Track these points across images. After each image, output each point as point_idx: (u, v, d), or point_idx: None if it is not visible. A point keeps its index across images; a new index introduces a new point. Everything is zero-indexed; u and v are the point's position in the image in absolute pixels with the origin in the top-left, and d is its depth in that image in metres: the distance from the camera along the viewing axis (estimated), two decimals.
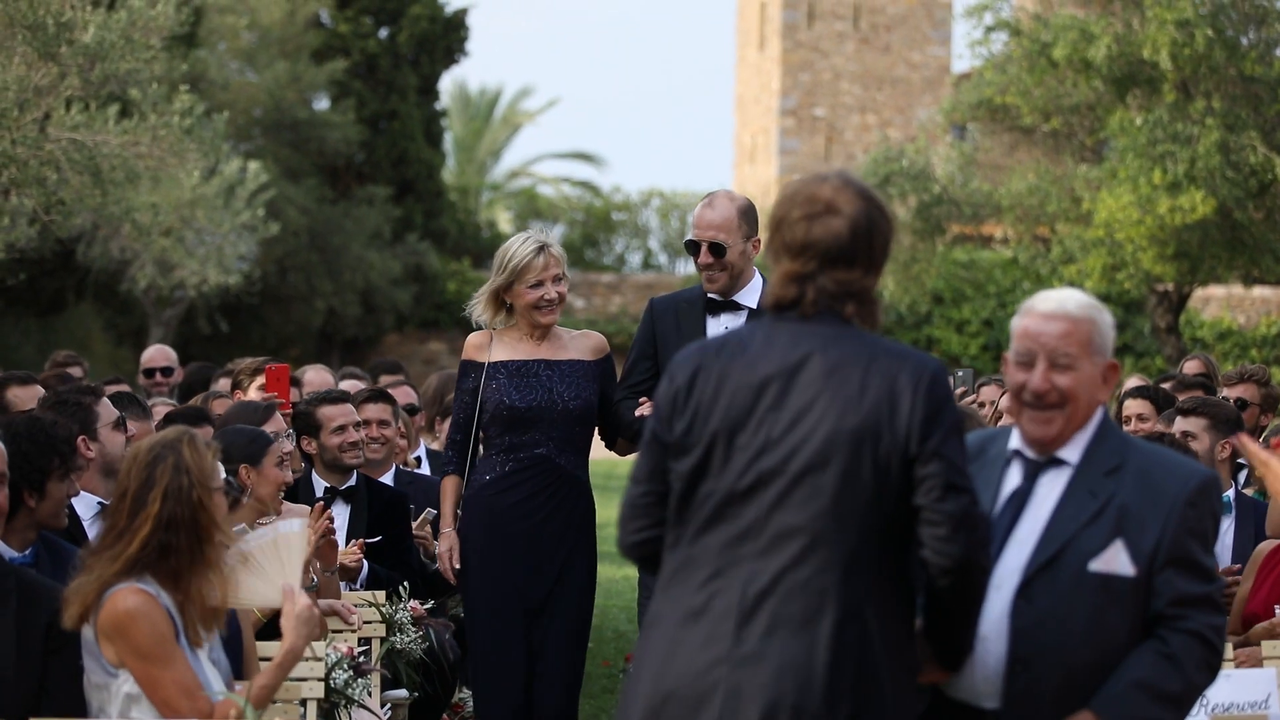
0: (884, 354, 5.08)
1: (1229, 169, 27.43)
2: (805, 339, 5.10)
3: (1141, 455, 5.45)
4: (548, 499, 8.99)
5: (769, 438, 5.03)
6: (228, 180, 27.64)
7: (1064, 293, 5.53)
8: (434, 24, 42.95)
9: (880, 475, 5.00)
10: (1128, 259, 28.64)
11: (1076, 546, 5.34)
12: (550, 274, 9.07)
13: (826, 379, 5.03)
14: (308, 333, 41.87)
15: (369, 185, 41.65)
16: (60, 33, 17.12)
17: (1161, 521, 5.31)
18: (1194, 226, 27.66)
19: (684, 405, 5.16)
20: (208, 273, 28.31)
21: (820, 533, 4.98)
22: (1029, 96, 30.02)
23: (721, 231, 8.92)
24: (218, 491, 6.24)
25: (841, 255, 5.13)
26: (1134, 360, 42.65)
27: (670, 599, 5.11)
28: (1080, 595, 5.31)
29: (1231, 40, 28.49)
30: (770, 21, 60.31)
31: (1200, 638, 5.28)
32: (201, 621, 6.17)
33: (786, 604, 4.96)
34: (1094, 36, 28.55)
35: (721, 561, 5.04)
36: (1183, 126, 27.82)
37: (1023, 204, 30.75)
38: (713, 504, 5.07)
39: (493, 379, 9.06)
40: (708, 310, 9.06)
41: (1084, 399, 5.45)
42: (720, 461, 5.08)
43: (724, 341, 5.26)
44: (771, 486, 5.01)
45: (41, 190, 17.68)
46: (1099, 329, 5.45)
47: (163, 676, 6.04)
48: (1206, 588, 5.33)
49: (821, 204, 5.15)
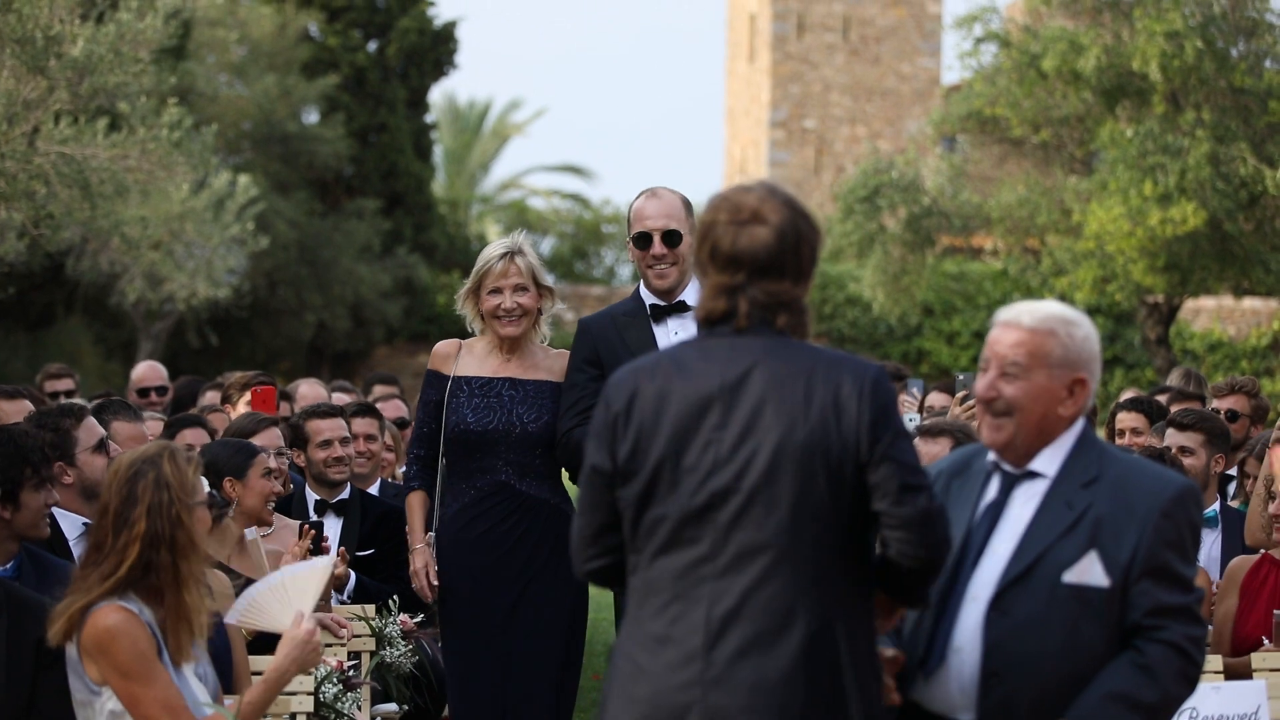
0: (823, 363, 5.04)
1: (1219, 181, 27.47)
2: (743, 353, 5.05)
3: (1118, 467, 5.42)
4: (513, 527, 8.57)
5: (718, 456, 4.98)
6: (217, 193, 27.63)
7: (1033, 304, 5.51)
8: (423, 37, 42.97)
9: (835, 484, 4.98)
10: (1118, 271, 28.68)
11: (1051, 558, 5.32)
12: (510, 282, 8.62)
13: (770, 392, 4.98)
14: (297, 346, 41.85)
15: (359, 198, 41.65)
16: (49, 46, 17.11)
17: (1137, 532, 5.29)
18: (1184, 238, 27.69)
19: (624, 430, 5.09)
20: (197, 286, 28.30)
21: (781, 548, 4.94)
22: (1019, 108, 30.06)
23: (673, 220, 8.48)
24: (199, 507, 6.22)
25: (770, 265, 5.07)
26: (1124, 372, 42.67)
27: (635, 624, 5.07)
28: (1054, 607, 5.29)
29: (1221, 52, 28.53)
30: (760, 34, 60.36)
31: (1177, 649, 5.25)
32: (185, 637, 6.17)
33: (754, 623, 4.92)
34: (1083, 48, 28.59)
35: (682, 585, 4.99)
36: (1173, 138, 27.86)
37: (1013, 216, 30.77)
38: (667, 528, 5.01)
39: (455, 395, 8.64)
40: (653, 318, 8.55)
41: (1035, 410, 5.42)
42: (669, 484, 5.02)
43: (657, 361, 5.19)
44: (727, 505, 4.96)
45: (30, 204, 17.68)
46: (1060, 342, 5.41)
47: (144, 694, 6.03)
48: (1184, 598, 5.30)
49: (747, 213, 5.09)
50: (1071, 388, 5.42)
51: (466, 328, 8.87)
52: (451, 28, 43.84)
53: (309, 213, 40.15)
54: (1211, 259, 28.50)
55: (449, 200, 55.10)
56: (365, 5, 42.42)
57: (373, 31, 42.84)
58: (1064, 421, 5.46)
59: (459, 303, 8.80)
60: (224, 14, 38.72)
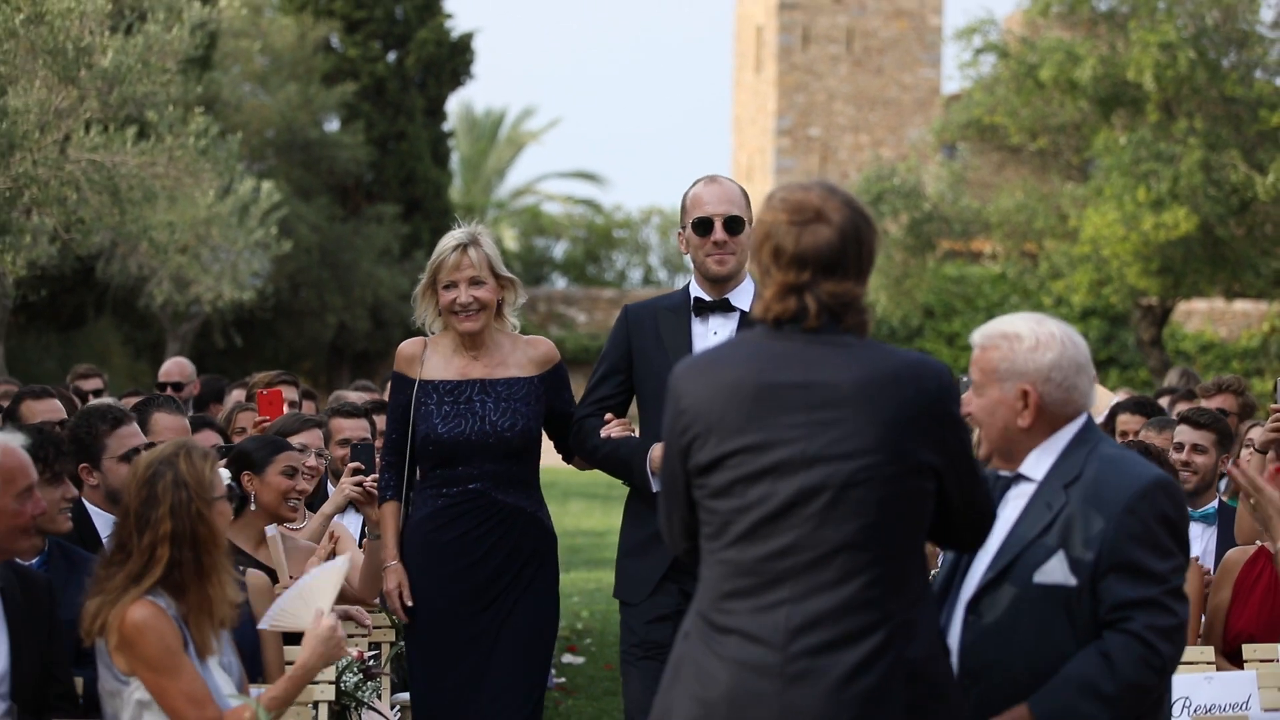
0: (904, 364, 4.95)
1: (1211, 187, 27.50)
2: (822, 352, 4.93)
3: (1097, 465, 5.36)
4: (487, 533, 7.88)
5: (806, 453, 4.85)
6: (241, 199, 27.60)
7: (996, 320, 5.51)
8: (441, 48, 42.98)
9: (916, 485, 4.91)
10: (1113, 274, 28.70)
11: (1025, 560, 5.27)
12: (464, 275, 7.92)
13: (857, 392, 4.87)
14: (319, 346, 41.91)
15: (378, 204, 41.67)
16: (80, 57, 17.16)
17: (1102, 529, 5.23)
18: (1177, 243, 27.72)
19: (698, 424, 4.96)
20: (222, 288, 28.28)
21: (865, 548, 4.82)
22: (1016, 117, 30.09)
23: (734, 206, 7.72)
24: (219, 501, 6.23)
25: (835, 264, 4.96)
26: (1119, 372, 42.67)
27: (708, 615, 4.94)
28: (1025, 609, 5.24)
29: (1213, 62, 28.57)
30: (766, 45, 60.36)
31: (1139, 638, 5.17)
32: (208, 629, 6.20)
33: (836, 621, 4.80)
34: (1079, 58, 28.62)
35: (761, 578, 4.86)
36: (1166, 146, 27.89)
37: (1011, 221, 30.80)
38: (749, 521, 4.88)
39: (422, 402, 7.95)
40: (695, 312, 7.77)
41: (995, 423, 5.41)
42: (750, 478, 4.89)
43: (724, 357, 5.06)
44: (814, 502, 4.83)
45: (62, 209, 17.71)
46: (1003, 355, 5.38)
47: (171, 687, 6.07)
48: (1151, 591, 5.21)
49: (811, 212, 4.99)
50: (1023, 398, 5.40)
51: (425, 329, 8.22)
52: (468, 39, 43.85)
53: (330, 218, 40.19)
54: (1203, 263, 28.52)
55: (465, 206, 55.20)
56: (385, 17, 42.45)
57: (392, 42, 42.85)
58: (1031, 430, 5.43)
59: (416, 300, 8.15)
60: (248, 25, 38.73)
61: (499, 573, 7.89)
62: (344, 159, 40.30)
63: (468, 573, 7.86)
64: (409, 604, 7.90)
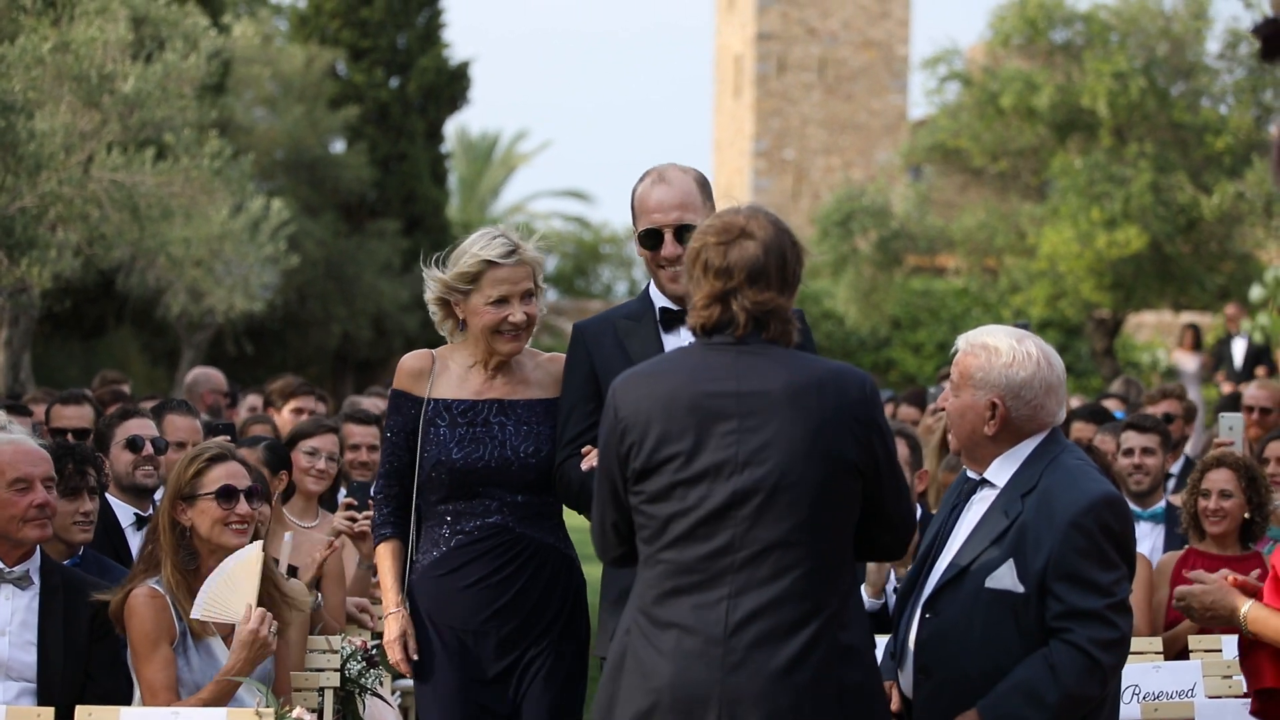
0: (825, 371, 5.00)
1: (1160, 207, 27.57)
2: (751, 361, 4.97)
3: (1053, 476, 5.37)
4: (512, 575, 6.36)
5: (739, 456, 4.88)
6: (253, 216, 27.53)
7: (984, 328, 5.56)
8: (440, 75, 42.93)
9: (845, 486, 4.94)
10: (1068, 288, 28.74)
11: (979, 564, 5.30)
12: (520, 288, 6.40)
13: (786, 398, 4.90)
14: (324, 354, 41.85)
15: (380, 220, 41.61)
16: (102, 83, 17.19)
17: (1050, 540, 5.24)
18: (1128, 259, 27.78)
19: (634, 434, 4.97)
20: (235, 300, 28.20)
21: (800, 544, 4.86)
22: (979, 141, 30.14)
23: (687, 210, 6.33)
24: (204, 499, 6.47)
25: (758, 274, 5.00)
26: (1074, 380, 42.66)
27: (647, 613, 4.96)
28: (977, 611, 5.27)
29: (1163, 90, 28.65)
30: (744, 73, 60.38)
31: (1083, 651, 5.19)
32: None
33: (774, 613, 4.83)
34: (1038, 86, 28.69)
35: (700, 576, 4.88)
36: (1118, 168, 27.95)
37: (973, 238, 30.83)
38: (686, 524, 4.90)
39: (433, 423, 6.39)
40: (663, 324, 6.39)
41: (964, 425, 5.46)
42: (685, 484, 4.90)
43: (662, 365, 5.09)
44: (749, 503, 4.86)
45: (85, 226, 17.73)
46: (980, 364, 5.43)
47: (143, 671, 6.30)
48: (1095, 603, 5.22)
49: (736, 230, 5.04)
50: (991, 408, 5.41)
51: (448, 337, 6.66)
52: (465, 67, 43.78)
53: (335, 233, 40.14)
54: (1153, 278, 28.57)
55: (463, 222, 55.06)
56: (388, 46, 42.40)
57: (394, 70, 42.80)
58: (995, 439, 5.44)
59: (437, 310, 6.58)
60: (259, 53, 38.67)
61: (530, 622, 6.38)
62: (348, 178, 40.24)
63: (493, 623, 6.35)
64: (414, 658, 6.43)
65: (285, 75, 40.05)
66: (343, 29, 41.86)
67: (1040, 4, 29.19)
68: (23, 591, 6.66)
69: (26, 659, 6.59)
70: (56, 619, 6.64)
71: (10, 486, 6.63)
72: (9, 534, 6.64)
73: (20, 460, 6.69)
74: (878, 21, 59.74)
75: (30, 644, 6.61)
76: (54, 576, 6.74)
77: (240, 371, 35.01)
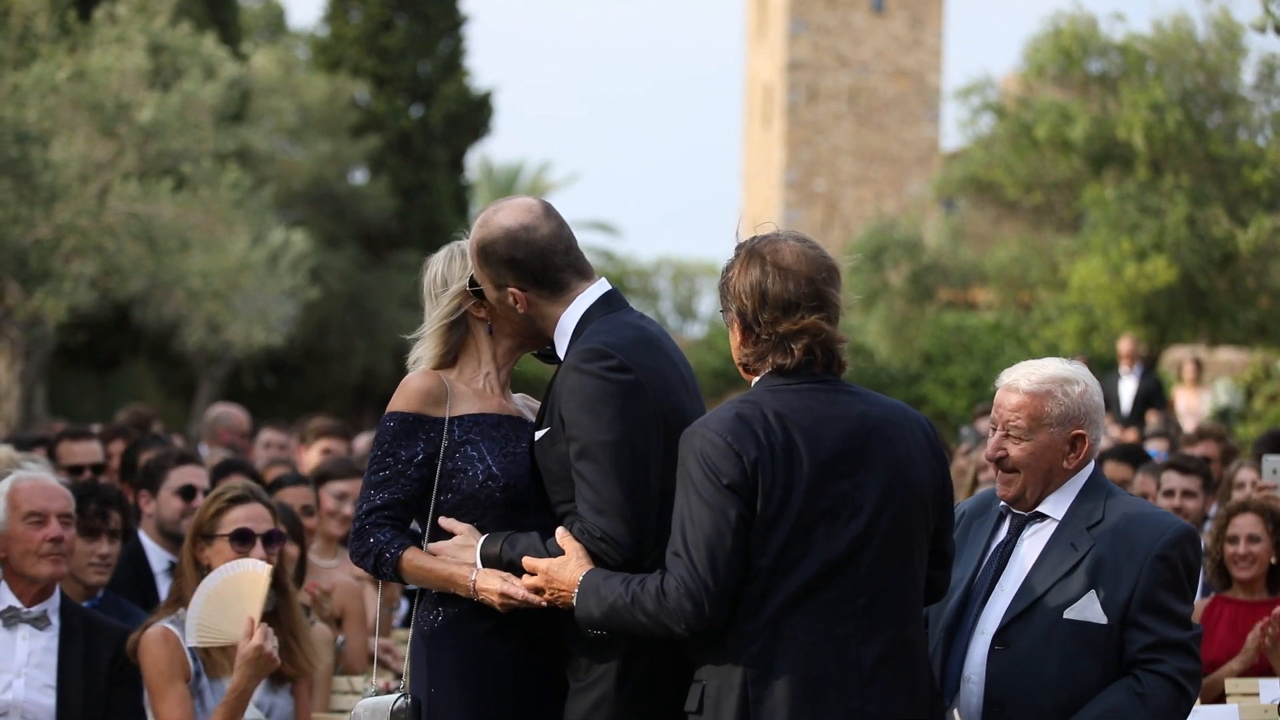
0: (903, 413, 5.03)
1: (1195, 240, 27.51)
2: (842, 399, 4.95)
3: (1121, 509, 5.42)
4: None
5: (852, 502, 4.86)
6: (272, 248, 27.67)
7: (1034, 365, 5.51)
8: (463, 104, 43.07)
9: (928, 526, 5.03)
10: (1099, 322, 28.70)
11: (1053, 596, 5.33)
12: None
13: (883, 442, 4.91)
14: (345, 388, 41.93)
15: (402, 252, 41.70)
16: (119, 113, 17.28)
17: (1135, 574, 5.29)
18: (1161, 292, 27.73)
19: (768, 477, 4.83)
20: (253, 333, 28.33)
21: (907, 591, 4.95)
22: (1013, 173, 30.14)
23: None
24: (220, 539, 6.55)
25: (824, 311, 4.95)
26: None
27: (777, 663, 4.85)
28: (1053, 642, 5.29)
29: (1199, 122, 28.62)
30: (774, 102, 60.45)
31: (1173, 681, 5.25)
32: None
33: (897, 661, 4.91)
34: (1073, 118, 28.68)
35: (824, 625, 4.85)
36: (1151, 200, 27.91)
37: (1006, 272, 30.85)
38: (808, 573, 4.83)
39: (467, 440, 5.42)
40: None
41: (1040, 467, 5.44)
42: (806, 531, 4.83)
43: (771, 408, 4.87)
44: (865, 551, 4.86)
45: (101, 257, 17.82)
46: (1058, 402, 5.42)
47: (159, 709, 6.34)
48: (1182, 634, 5.29)
49: (826, 268, 4.96)
50: (1073, 441, 5.44)
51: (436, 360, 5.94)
52: (488, 96, 43.92)
53: (356, 265, 40.25)
54: (1186, 312, 28.52)
55: None
56: (410, 74, 42.55)
57: (417, 99, 42.94)
58: (1070, 471, 5.47)
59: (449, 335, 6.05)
60: (280, 82, 38.86)
61: None
62: (370, 209, 40.37)
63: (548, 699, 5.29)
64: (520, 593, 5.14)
65: (306, 104, 40.21)
66: (364, 57, 42.00)
67: (1075, 34, 29.19)
68: (40, 632, 6.68)
69: (43, 701, 6.60)
70: (77, 662, 6.66)
71: (25, 520, 6.66)
72: (23, 569, 6.67)
73: (36, 494, 6.73)
74: (910, 50, 59.83)
75: (48, 686, 6.62)
76: (75, 618, 6.76)
77: (259, 406, 35.08)
